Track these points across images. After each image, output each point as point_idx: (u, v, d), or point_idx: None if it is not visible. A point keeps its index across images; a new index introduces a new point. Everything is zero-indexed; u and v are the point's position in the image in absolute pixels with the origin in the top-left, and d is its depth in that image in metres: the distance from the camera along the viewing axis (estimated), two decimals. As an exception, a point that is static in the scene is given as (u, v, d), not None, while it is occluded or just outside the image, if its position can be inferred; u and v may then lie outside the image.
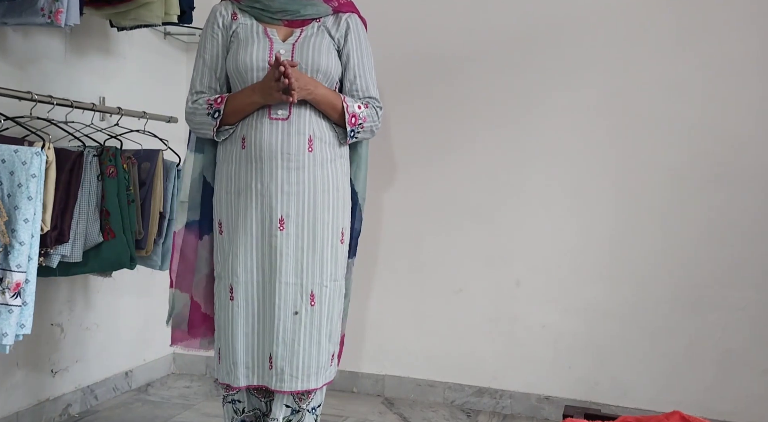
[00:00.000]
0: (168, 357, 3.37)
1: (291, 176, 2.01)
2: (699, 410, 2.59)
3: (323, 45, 2.08)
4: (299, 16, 2.09)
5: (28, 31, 2.45)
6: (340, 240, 2.11)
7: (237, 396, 2.17)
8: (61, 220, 2.18)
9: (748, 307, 2.71)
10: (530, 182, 2.96)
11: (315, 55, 2.05)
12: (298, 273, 2.03)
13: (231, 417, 2.18)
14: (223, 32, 2.12)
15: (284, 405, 2.09)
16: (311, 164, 2.03)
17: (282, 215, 2.02)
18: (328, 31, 2.11)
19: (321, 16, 2.12)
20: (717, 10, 2.73)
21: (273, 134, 2.01)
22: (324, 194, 2.05)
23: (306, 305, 2.03)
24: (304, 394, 2.09)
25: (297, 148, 2.01)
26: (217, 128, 2.06)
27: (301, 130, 2.02)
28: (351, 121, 2.07)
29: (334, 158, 2.10)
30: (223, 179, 2.10)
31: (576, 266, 2.91)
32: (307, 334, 2.03)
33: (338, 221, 2.10)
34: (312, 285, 2.04)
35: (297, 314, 2.02)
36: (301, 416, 2.10)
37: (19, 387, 2.52)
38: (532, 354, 2.97)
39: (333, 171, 2.08)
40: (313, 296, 2.04)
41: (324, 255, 2.06)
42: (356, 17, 2.17)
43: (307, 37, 2.08)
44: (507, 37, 2.96)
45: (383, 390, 3.16)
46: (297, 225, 2.02)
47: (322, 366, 2.07)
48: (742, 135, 2.72)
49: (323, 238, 2.05)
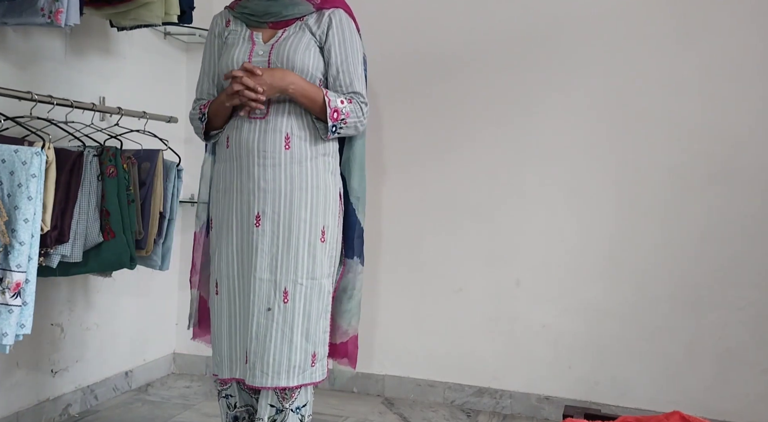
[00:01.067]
0: (168, 357, 3.37)
1: (267, 174, 2.04)
2: (699, 410, 2.59)
3: (301, 43, 2.08)
4: (282, 17, 2.11)
5: (28, 31, 2.45)
6: (320, 239, 2.09)
7: (229, 390, 2.21)
8: (61, 220, 2.18)
9: (748, 307, 2.71)
10: (530, 181, 2.96)
11: (290, 53, 2.06)
12: (273, 270, 2.04)
13: (225, 413, 2.23)
14: (218, 40, 2.20)
15: (269, 405, 2.09)
16: (288, 161, 2.05)
17: (258, 211, 2.05)
18: (309, 29, 2.10)
19: (304, 15, 2.12)
20: (717, 10, 2.73)
21: (251, 133, 2.06)
22: (301, 192, 2.05)
23: (279, 302, 2.03)
24: (286, 393, 2.08)
25: (273, 146, 2.04)
26: (204, 130, 2.17)
27: (278, 128, 2.05)
28: (333, 116, 2.05)
29: (315, 156, 2.09)
30: (214, 178, 2.19)
31: (576, 265, 2.91)
32: (279, 331, 2.03)
33: (317, 219, 2.08)
34: (286, 282, 2.04)
35: (270, 311, 2.04)
36: (285, 416, 2.09)
37: (19, 387, 2.52)
38: (532, 353, 2.97)
39: (313, 169, 2.08)
40: (286, 293, 2.04)
41: (299, 253, 2.05)
42: (340, 12, 2.14)
43: (287, 37, 2.09)
44: (507, 37, 2.97)
45: (383, 390, 3.15)
46: (273, 222, 2.04)
47: (296, 365, 2.05)
48: (741, 135, 2.72)
49: (299, 235, 2.05)
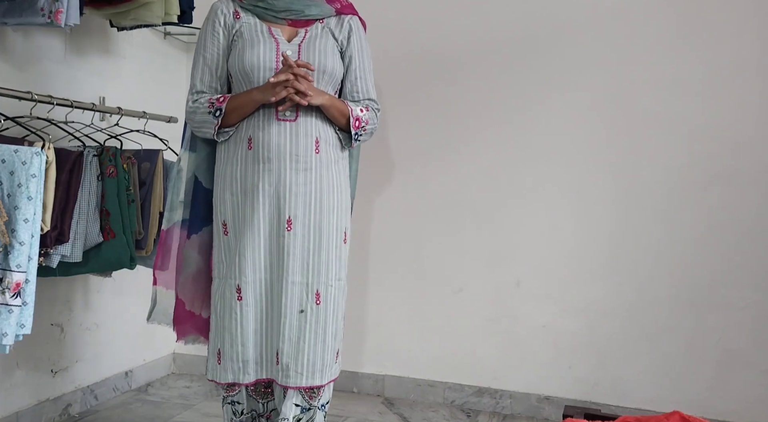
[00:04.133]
0: (168, 357, 3.37)
1: (299, 177, 2.04)
2: (699, 410, 2.59)
3: (328, 46, 2.10)
4: (303, 16, 2.10)
5: (28, 31, 2.45)
6: (344, 240, 2.14)
7: (236, 397, 2.17)
8: (61, 220, 2.18)
9: (748, 307, 2.71)
10: (530, 181, 2.95)
11: (321, 56, 2.07)
12: (305, 273, 2.05)
13: (230, 419, 2.20)
14: (224, 31, 2.11)
15: (294, 405, 2.09)
16: (318, 165, 2.05)
17: (290, 215, 2.04)
18: (332, 33, 2.12)
19: (324, 17, 2.13)
20: (717, 11, 2.73)
21: (281, 136, 2.03)
22: (329, 195, 2.08)
23: (312, 304, 2.05)
24: (314, 391, 2.10)
25: (305, 149, 2.04)
26: (219, 126, 2.06)
27: (309, 132, 2.04)
28: (355, 124, 2.10)
29: (338, 160, 2.13)
30: (227, 179, 2.09)
31: (576, 266, 2.91)
32: (312, 332, 2.05)
33: (342, 222, 2.13)
34: (318, 285, 2.06)
35: (303, 313, 2.05)
36: (313, 413, 2.12)
37: (19, 387, 2.52)
38: (532, 354, 2.97)
39: (337, 172, 2.12)
40: (318, 295, 2.06)
41: (329, 255, 2.09)
42: (357, 19, 2.20)
43: (312, 38, 2.09)
44: (507, 37, 2.96)
45: (383, 390, 3.15)
46: (304, 226, 2.05)
47: (327, 364, 2.09)
48: (741, 135, 2.72)
49: (329, 238, 2.08)
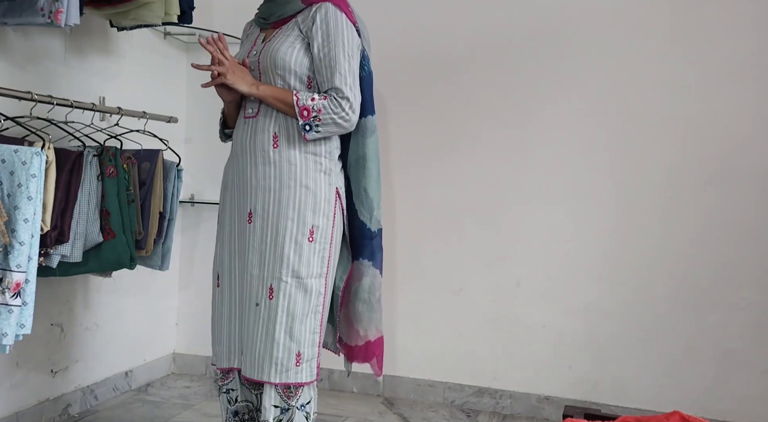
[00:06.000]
0: (168, 357, 3.37)
1: (258, 172, 2.09)
2: (699, 410, 2.59)
3: (286, 41, 2.08)
4: (278, 16, 2.13)
5: (28, 31, 2.45)
6: (308, 238, 2.08)
7: (230, 385, 2.22)
8: (61, 220, 2.18)
9: (748, 307, 2.71)
10: (530, 182, 2.96)
11: (273, 51, 2.08)
12: (261, 266, 2.09)
13: (226, 408, 2.24)
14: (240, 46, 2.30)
15: (273, 406, 2.09)
16: (278, 160, 2.08)
17: (251, 208, 2.11)
18: (298, 27, 2.10)
19: (295, 13, 2.11)
20: (715, 11, 2.73)
21: (245, 132, 2.13)
22: (289, 190, 2.07)
23: (265, 298, 2.07)
24: (291, 390, 2.08)
25: (262, 144, 2.09)
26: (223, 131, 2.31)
27: (266, 127, 2.10)
28: (303, 114, 2.03)
29: (305, 155, 2.08)
30: (223, 175, 2.27)
31: (576, 266, 2.91)
32: (263, 326, 2.07)
33: (305, 219, 2.07)
34: (271, 279, 2.07)
35: (258, 306, 2.08)
36: (291, 413, 2.09)
37: (19, 387, 2.52)
38: (532, 354, 2.97)
39: (302, 168, 2.08)
40: (272, 289, 2.07)
41: (285, 251, 2.06)
42: (327, 6, 2.06)
43: (276, 36, 2.11)
44: (507, 38, 2.97)
45: (383, 390, 3.15)
46: (262, 219, 2.09)
47: (278, 362, 2.05)
48: (740, 135, 2.72)
49: (285, 233, 2.06)
